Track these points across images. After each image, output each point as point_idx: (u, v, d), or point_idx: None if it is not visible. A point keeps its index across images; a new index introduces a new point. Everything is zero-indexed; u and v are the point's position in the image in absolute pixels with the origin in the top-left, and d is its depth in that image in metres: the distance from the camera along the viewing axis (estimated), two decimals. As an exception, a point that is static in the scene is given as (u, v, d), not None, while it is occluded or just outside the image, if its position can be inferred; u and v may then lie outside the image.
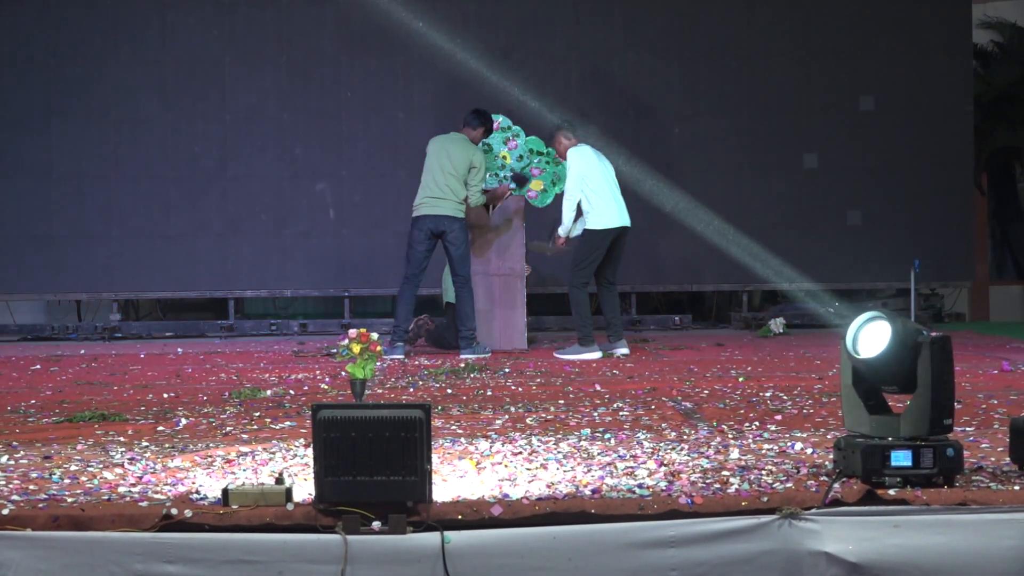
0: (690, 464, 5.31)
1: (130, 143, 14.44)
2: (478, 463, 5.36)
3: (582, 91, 14.64)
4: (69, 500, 4.73)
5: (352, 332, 7.06)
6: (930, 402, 4.71)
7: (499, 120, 11.89)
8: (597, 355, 10.99)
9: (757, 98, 14.77)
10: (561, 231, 11.26)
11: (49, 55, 14.38)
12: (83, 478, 5.18)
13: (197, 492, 4.84)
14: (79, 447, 6.04)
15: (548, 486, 4.88)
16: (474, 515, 4.55)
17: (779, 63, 14.83)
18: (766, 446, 5.77)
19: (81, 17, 14.36)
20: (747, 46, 14.82)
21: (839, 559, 4.58)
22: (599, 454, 5.60)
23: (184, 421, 6.95)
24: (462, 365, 10.07)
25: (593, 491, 4.77)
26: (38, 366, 10.81)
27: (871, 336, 4.76)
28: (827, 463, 5.18)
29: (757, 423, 6.54)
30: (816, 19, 14.89)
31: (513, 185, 11.84)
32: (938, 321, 14.93)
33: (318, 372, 9.81)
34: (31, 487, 5.00)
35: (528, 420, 6.83)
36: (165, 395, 8.30)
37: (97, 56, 14.42)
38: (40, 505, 4.65)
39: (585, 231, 11.20)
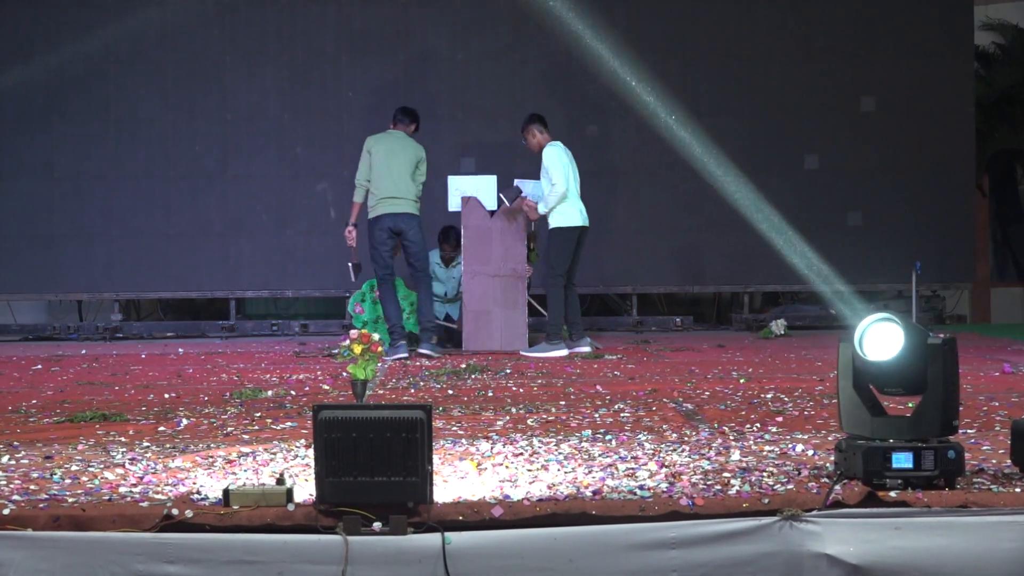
0: (691, 466, 5.32)
1: (131, 142, 14.40)
2: (479, 464, 5.37)
3: (582, 91, 14.61)
4: (70, 500, 4.74)
5: (353, 333, 7.05)
6: (941, 403, 4.75)
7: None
8: (563, 352, 11.24)
9: (758, 99, 14.73)
10: (541, 208, 11.40)
11: (50, 54, 14.34)
12: (84, 478, 5.19)
13: (198, 492, 4.84)
14: (80, 447, 6.05)
15: (549, 487, 4.89)
16: (475, 516, 4.57)
17: (780, 64, 14.80)
18: (767, 448, 5.78)
19: (81, 16, 14.32)
20: (748, 47, 14.78)
21: (840, 561, 4.59)
22: (600, 455, 5.61)
23: (185, 421, 6.95)
24: (463, 366, 10.03)
25: (594, 492, 4.78)
26: (39, 366, 10.79)
27: (879, 338, 4.79)
28: (828, 465, 5.18)
29: (758, 425, 6.54)
30: (817, 20, 14.86)
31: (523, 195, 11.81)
32: (939, 323, 14.90)
33: (319, 373, 9.79)
34: (32, 487, 5.01)
35: (529, 421, 6.84)
36: (166, 395, 8.30)
37: (98, 55, 14.36)
38: (41, 505, 4.67)
39: (554, 229, 11.48)
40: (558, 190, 11.31)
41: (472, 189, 11.99)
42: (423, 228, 11.52)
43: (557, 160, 11.36)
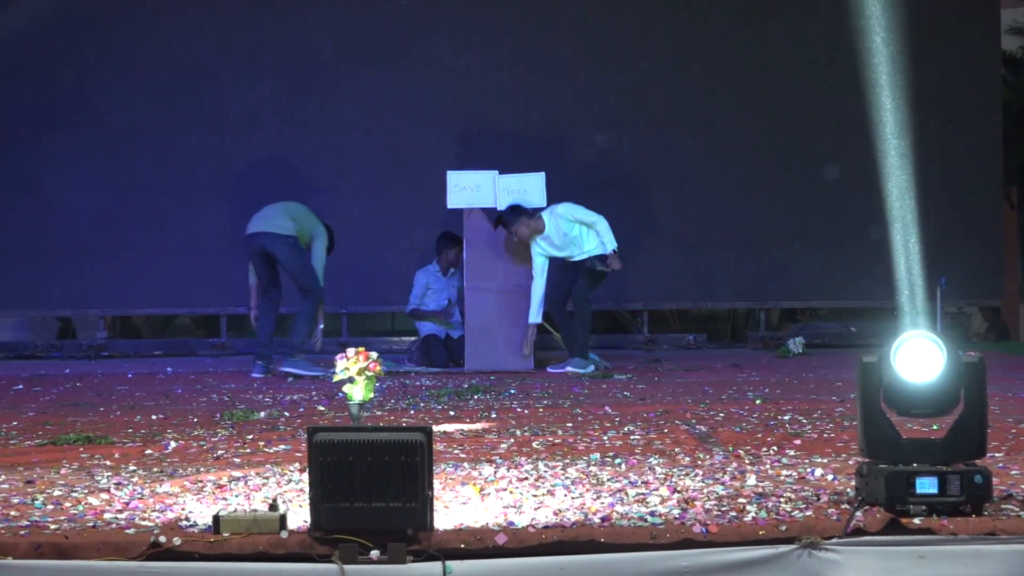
0: (705, 491, 5.27)
1: (122, 154, 14.33)
2: (482, 489, 5.33)
3: (591, 101, 14.51)
4: (52, 527, 4.72)
5: (350, 351, 6.91)
6: (979, 424, 4.75)
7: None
8: (592, 368, 11.43)
9: (775, 107, 14.52)
10: (613, 250, 11.71)
11: (39, 63, 14.27)
12: (67, 504, 5.16)
13: (187, 519, 4.82)
14: (63, 471, 6.00)
15: (555, 513, 4.85)
16: (477, 544, 4.54)
17: (798, 70, 14.58)
18: (784, 472, 5.71)
19: (72, 24, 14.25)
20: (764, 53, 14.59)
21: (862, 592, 4.57)
22: (609, 480, 5.56)
23: (173, 444, 6.89)
24: (466, 386, 9.92)
25: (603, 519, 4.75)
26: (20, 386, 10.72)
27: (914, 357, 4.72)
28: (849, 490, 5.12)
29: (775, 448, 6.47)
30: (837, 26, 14.64)
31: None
32: (966, 342, 14.68)
33: (314, 393, 9.73)
34: (12, 513, 4.98)
35: (534, 444, 6.78)
36: (153, 417, 8.24)
37: (89, 64, 14.35)
38: (22, 532, 4.65)
39: (599, 256, 11.68)
40: (604, 223, 11.66)
41: (472, 184, 11.89)
42: (298, 247, 11.38)
43: (577, 206, 11.66)
